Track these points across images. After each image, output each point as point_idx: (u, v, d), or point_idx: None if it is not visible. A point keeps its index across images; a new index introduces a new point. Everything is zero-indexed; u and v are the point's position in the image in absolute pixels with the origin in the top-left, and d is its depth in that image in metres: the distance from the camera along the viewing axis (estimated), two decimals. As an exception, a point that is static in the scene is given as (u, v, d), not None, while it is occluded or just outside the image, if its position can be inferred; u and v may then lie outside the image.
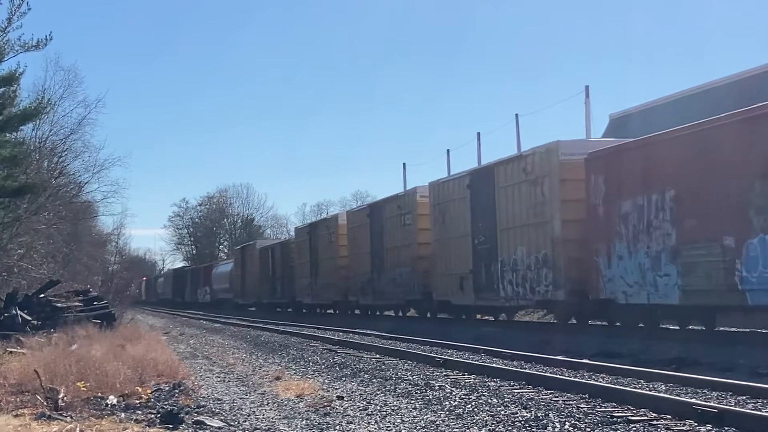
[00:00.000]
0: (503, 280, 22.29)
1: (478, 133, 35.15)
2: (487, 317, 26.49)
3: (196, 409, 9.95)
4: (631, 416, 8.88)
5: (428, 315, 28.91)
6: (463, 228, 24.67)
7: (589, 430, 8.36)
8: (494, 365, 13.96)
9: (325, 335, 24.27)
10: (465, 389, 11.50)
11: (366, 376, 13.64)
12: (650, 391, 10.63)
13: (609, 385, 11.19)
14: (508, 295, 22.20)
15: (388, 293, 31.16)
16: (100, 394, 10.77)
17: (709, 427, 8.19)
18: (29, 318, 20.81)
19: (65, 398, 10.13)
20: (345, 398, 10.95)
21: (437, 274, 26.66)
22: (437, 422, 8.97)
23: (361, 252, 34.00)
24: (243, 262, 56.65)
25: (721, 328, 17.54)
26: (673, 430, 8.24)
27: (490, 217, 22.91)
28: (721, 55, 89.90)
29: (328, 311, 41.01)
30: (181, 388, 11.73)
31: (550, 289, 20.16)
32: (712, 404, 8.93)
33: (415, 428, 8.73)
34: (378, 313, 34.61)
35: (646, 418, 8.79)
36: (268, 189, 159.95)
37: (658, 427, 8.34)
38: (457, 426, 8.73)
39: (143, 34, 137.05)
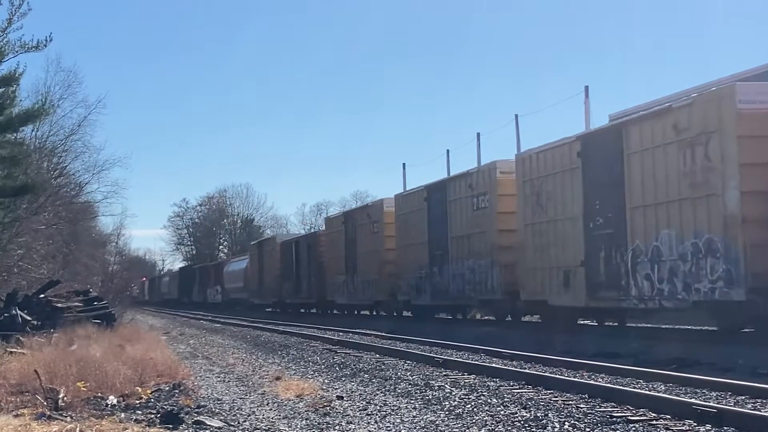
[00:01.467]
0: (636, 274, 17.22)
1: (478, 134, 34.87)
2: (586, 322, 22.03)
3: (196, 409, 9.96)
4: (631, 416, 8.89)
5: (508, 318, 24.34)
6: (570, 208, 19.60)
7: (588, 430, 8.37)
8: (494, 365, 13.98)
9: (325, 335, 24.31)
10: (465, 389, 11.51)
11: (366, 376, 13.65)
12: (650, 391, 10.65)
13: (608, 385, 11.21)
14: (645, 294, 16.99)
15: (453, 292, 25.74)
16: (100, 395, 10.78)
17: (708, 427, 8.20)
18: (29, 318, 20.79)
19: (65, 398, 10.13)
20: (345, 398, 10.96)
21: (528, 268, 21.36)
22: (437, 422, 8.98)
23: (414, 243, 28.54)
24: (260, 258, 51.82)
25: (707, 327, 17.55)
26: (672, 430, 8.25)
27: (615, 192, 17.78)
28: (721, 54, 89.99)
29: (363, 312, 37.27)
30: (181, 388, 11.74)
31: (719, 287, 15.17)
32: (711, 404, 8.95)
33: (415, 428, 8.74)
34: (437, 315, 29.86)
35: (645, 418, 8.80)
36: (268, 189, 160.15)
37: (658, 427, 8.35)
38: (456, 426, 8.74)
39: (144, 34, 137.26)
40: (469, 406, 10.01)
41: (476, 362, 14.88)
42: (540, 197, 20.92)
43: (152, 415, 9.52)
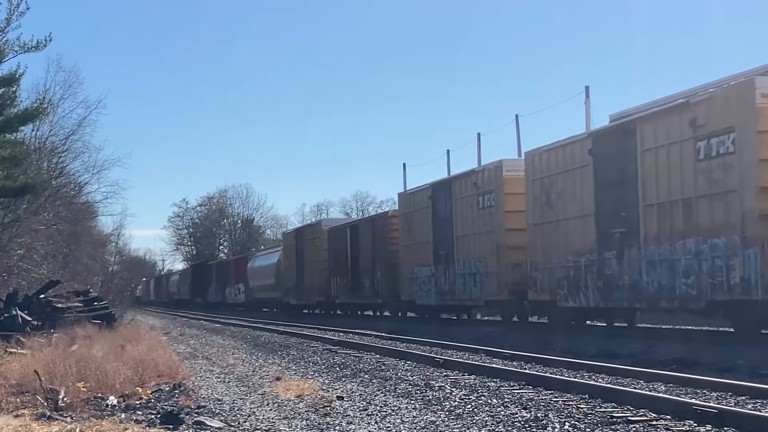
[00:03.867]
0: None
1: (479, 134, 34.71)
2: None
3: (196, 410, 9.95)
4: (631, 417, 8.89)
5: (764, 331, 15.85)
6: None
7: (588, 430, 8.37)
8: (494, 365, 13.98)
9: (325, 336, 24.30)
10: (465, 389, 11.52)
11: (366, 376, 13.65)
12: (650, 391, 10.65)
13: (609, 385, 11.21)
14: None
15: (649, 289, 17.14)
16: (100, 395, 10.77)
17: (708, 427, 8.20)
18: (29, 318, 20.81)
19: (65, 399, 10.13)
20: (345, 398, 10.96)
21: None
22: (437, 422, 8.98)
23: (564, 218, 20.19)
24: (299, 249, 43.27)
25: (721, 328, 17.56)
26: (672, 430, 8.25)
27: None
28: (721, 54, 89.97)
29: (447, 316, 29.03)
30: (182, 388, 11.73)
31: None
32: (711, 404, 8.95)
33: (415, 428, 8.74)
34: (616, 323, 20.19)
35: (645, 418, 8.80)
36: (268, 189, 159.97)
37: (658, 428, 8.35)
38: (456, 426, 8.74)
39: (144, 35, 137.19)
40: (469, 406, 10.01)
41: (476, 362, 14.88)
42: None
43: (152, 416, 9.52)
